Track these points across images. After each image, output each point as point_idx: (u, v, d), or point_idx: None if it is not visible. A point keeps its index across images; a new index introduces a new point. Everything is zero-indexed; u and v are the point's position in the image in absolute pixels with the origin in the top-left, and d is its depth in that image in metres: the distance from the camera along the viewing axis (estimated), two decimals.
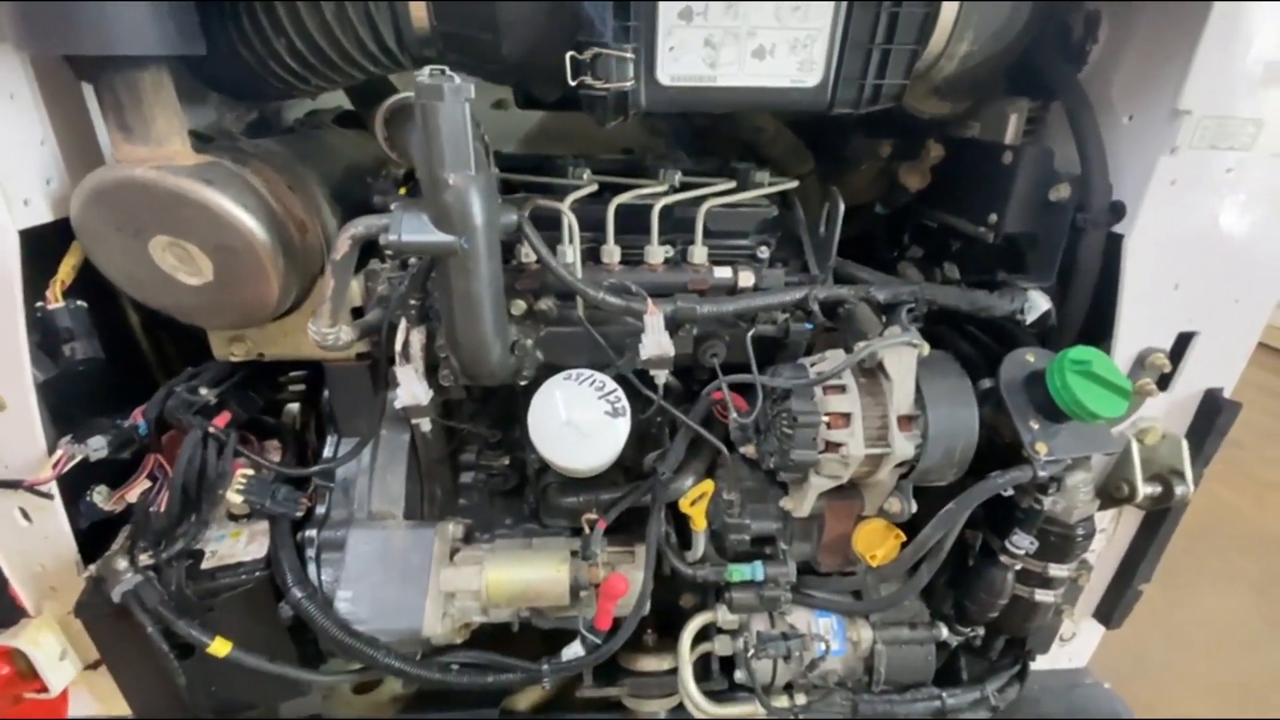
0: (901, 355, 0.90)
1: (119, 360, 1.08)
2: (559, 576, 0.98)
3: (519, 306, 0.95)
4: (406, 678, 0.99)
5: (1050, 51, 0.96)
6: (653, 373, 0.92)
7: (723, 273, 0.98)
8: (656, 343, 0.88)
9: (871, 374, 0.93)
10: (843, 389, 0.92)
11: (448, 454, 1.12)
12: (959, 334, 1.15)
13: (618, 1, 0.75)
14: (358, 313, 1.01)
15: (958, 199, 1.12)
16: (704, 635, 1.13)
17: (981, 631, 1.13)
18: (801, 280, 1.00)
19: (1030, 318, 1.00)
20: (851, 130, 1.23)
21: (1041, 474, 0.90)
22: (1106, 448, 0.93)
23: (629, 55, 0.78)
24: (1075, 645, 1.31)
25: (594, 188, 0.98)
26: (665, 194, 0.97)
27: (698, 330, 0.98)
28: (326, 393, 1.10)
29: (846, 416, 0.91)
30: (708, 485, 0.96)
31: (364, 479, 1.10)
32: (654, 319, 0.87)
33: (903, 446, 0.90)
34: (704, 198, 0.98)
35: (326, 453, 1.10)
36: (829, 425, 0.91)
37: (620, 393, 0.91)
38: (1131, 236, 0.89)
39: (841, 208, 1.00)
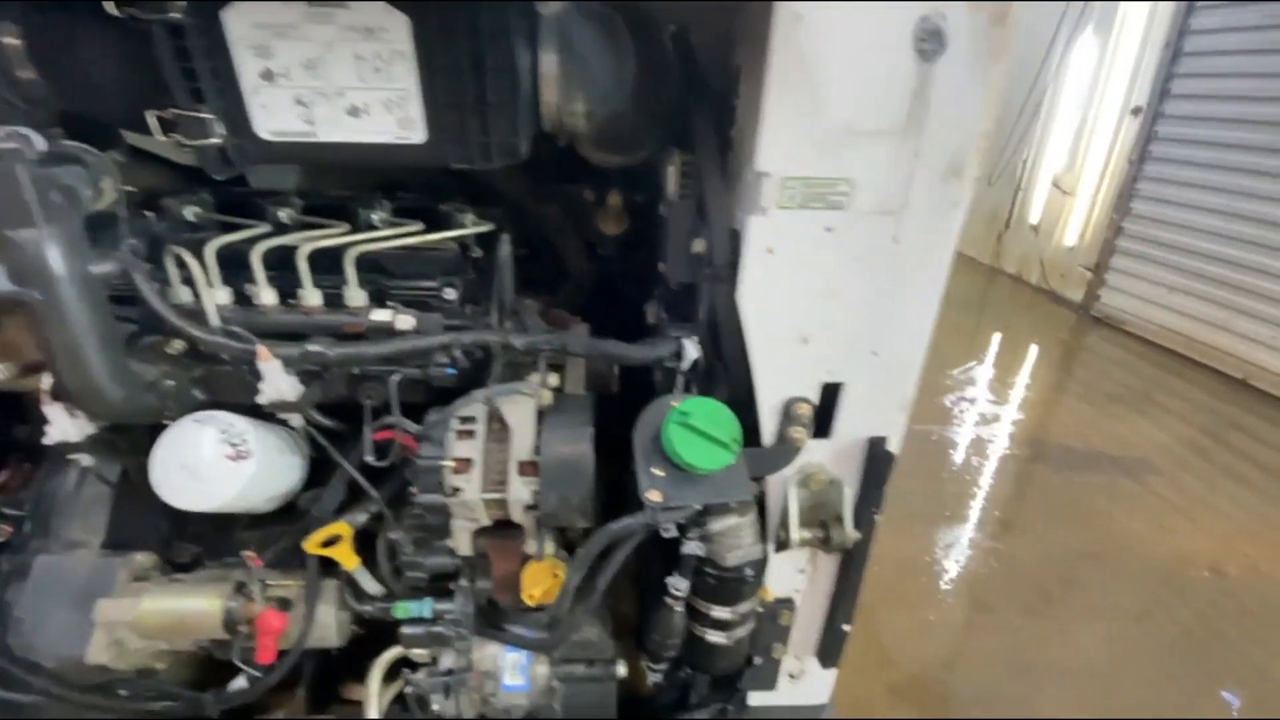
0: (519, 403, 0.92)
1: None
2: (212, 610, 1.01)
3: (176, 346, 0.98)
4: (64, 702, 1.02)
5: (697, 107, 0.98)
6: (280, 415, 0.95)
7: (381, 315, 1.00)
8: (275, 387, 0.91)
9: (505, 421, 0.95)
10: (472, 434, 0.94)
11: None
12: None
13: (182, 66, 0.78)
14: None
15: (652, 245, 1.14)
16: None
17: (663, 668, 1.14)
18: (462, 325, 1.02)
19: (684, 365, 1.02)
20: (573, 174, 1.26)
21: (658, 520, 0.92)
22: (732, 496, 0.94)
23: (207, 115, 0.81)
24: (810, 682, 1.31)
25: (257, 232, 1.00)
26: (319, 238, 0.99)
27: (358, 370, 1.00)
28: None
29: (469, 462, 0.93)
30: (341, 528, 0.98)
31: (70, 507, 1.13)
32: (269, 365, 0.90)
33: (519, 492, 0.92)
34: (359, 241, 1.00)
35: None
36: (455, 470, 0.93)
37: (249, 435, 0.93)
38: (741, 293, 0.91)
39: (507, 252, 1.02)
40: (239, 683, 1.04)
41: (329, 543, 0.98)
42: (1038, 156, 5.95)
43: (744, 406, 1.01)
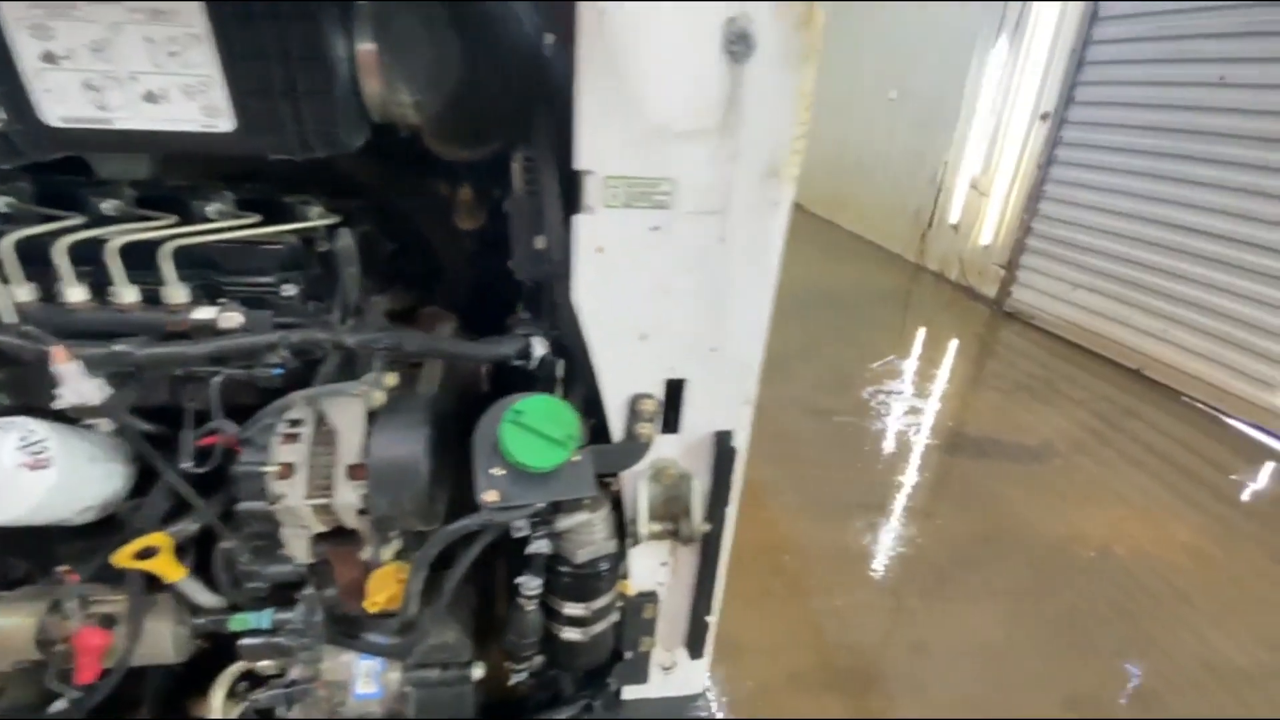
0: (346, 404, 0.89)
1: None
2: (23, 628, 0.94)
3: None
4: None
5: (536, 102, 0.97)
6: (87, 420, 0.90)
7: (204, 313, 0.95)
8: (75, 390, 0.85)
9: None
10: (297, 438, 0.91)
11: None
12: None
13: None
14: None
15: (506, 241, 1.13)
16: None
17: (525, 668, 1.14)
18: (293, 322, 0.98)
19: (532, 363, 1.01)
20: (431, 167, 1.23)
21: (494, 520, 0.91)
22: (574, 493, 0.94)
23: None
24: (684, 673, 1.33)
25: (63, 224, 0.94)
26: (131, 231, 0.94)
27: (181, 372, 0.95)
28: None
29: (292, 466, 0.90)
30: (158, 538, 0.94)
31: None
32: (66, 367, 0.84)
33: (347, 496, 0.89)
34: (176, 235, 0.95)
35: None
36: (279, 475, 0.90)
37: (49, 444, 0.87)
38: (576, 290, 0.91)
39: (346, 246, 0.99)
40: (59, 704, 0.98)
41: (144, 555, 0.93)
42: (958, 159, 6.20)
43: (598, 404, 1.01)
